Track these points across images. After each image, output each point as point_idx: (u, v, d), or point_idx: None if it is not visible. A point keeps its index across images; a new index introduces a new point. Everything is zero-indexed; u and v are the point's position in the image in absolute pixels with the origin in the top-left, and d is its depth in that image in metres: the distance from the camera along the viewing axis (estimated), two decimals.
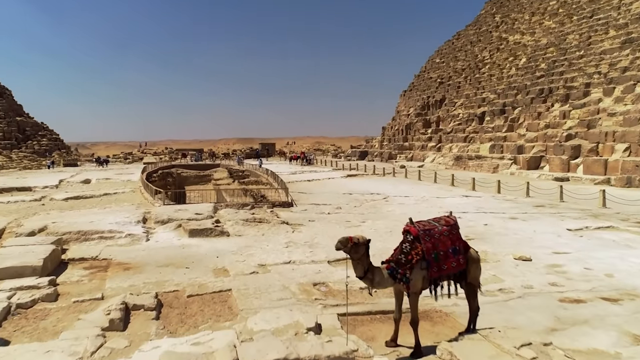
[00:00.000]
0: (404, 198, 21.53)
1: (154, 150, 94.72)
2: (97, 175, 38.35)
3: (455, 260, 5.86)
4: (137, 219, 13.67)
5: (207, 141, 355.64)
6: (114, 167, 54.73)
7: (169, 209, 15.68)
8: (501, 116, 41.40)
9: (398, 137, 57.95)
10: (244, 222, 13.70)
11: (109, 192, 23.52)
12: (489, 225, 14.23)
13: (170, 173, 50.25)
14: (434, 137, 50.13)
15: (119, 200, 20.46)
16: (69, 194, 23.81)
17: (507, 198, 21.06)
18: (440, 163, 44.17)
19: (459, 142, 44.73)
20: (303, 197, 22.04)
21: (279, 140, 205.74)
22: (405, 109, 62.16)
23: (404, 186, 27.16)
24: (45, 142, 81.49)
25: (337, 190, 25.19)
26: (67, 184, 31.28)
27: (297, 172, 40.38)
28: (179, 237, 12.22)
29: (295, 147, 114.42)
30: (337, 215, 16.38)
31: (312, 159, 54.94)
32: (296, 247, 11.38)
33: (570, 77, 36.49)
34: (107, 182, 32.43)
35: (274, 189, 25.38)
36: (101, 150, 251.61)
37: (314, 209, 17.85)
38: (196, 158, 70.11)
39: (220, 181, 50.60)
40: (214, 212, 15.85)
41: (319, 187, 27.38)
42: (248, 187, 37.18)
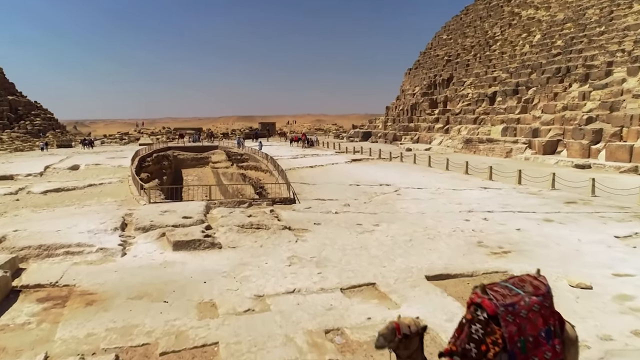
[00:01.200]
0: (417, 191, 19.56)
1: (151, 130, 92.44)
2: (87, 159, 36.34)
3: (550, 349, 3.84)
4: (114, 224, 11.74)
5: (206, 119, 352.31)
6: (108, 149, 52.66)
7: (154, 209, 13.73)
8: (514, 97, 39.13)
9: (403, 118, 55.69)
10: (239, 228, 11.77)
11: (94, 183, 21.55)
12: (523, 231, 12.29)
13: (166, 156, 48.17)
14: (441, 118, 47.90)
15: (103, 194, 18.51)
16: (52, 184, 21.88)
17: (531, 191, 19.09)
18: (448, 146, 42.08)
19: (469, 124, 42.56)
20: (306, 189, 20.08)
21: (279, 119, 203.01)
22: (411, 88, 59.72)
23: (414, 174, 25.17)
24: (39, 122, 79.30)
25: (343, 179, 23.21)
26: (53, 170, 29.31)
27: (298, 156, 38.34)
28: (162, 250, 10.30)
29: (295, 126, 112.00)
30: (346, 215, 14.43)
31: (313, 140, 52.80)
32: (301, 264, 9.47)
33: (590, 55, 34.12)
34: (96, 169, 30.45)
35: (274, 178, 23.40)
36: (100, 129, 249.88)
37: (319, 206, 15.90)
38: (194, 139, 67.92)
39: (218, 164, 48.60)
40: (206, 212, 13.92)
41: (322, 175, 25.40)
42: (247, 172, 35.19)
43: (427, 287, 8.21)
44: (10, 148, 56.54)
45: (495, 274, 9.00)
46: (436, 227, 12.68)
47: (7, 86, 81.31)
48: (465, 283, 8.66)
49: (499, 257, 10.08)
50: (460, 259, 9.89)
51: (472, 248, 10.71)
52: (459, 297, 7.98)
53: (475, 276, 8.94)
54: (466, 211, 14.93)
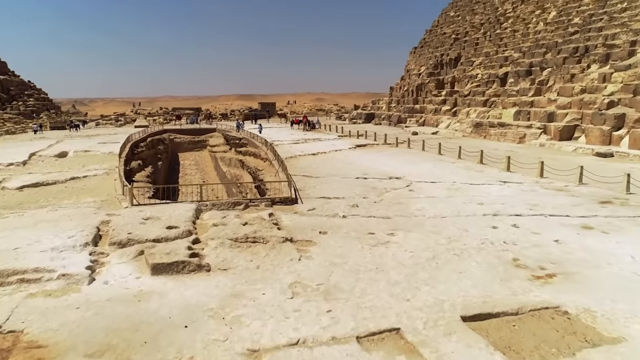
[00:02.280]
0: (431, 186, 17.78)
1: (148, 111, 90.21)
2: (77, 145, 34.48)
3: None
4: (85, 238, 9.99)
5: (206, 98, 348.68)
6: (102, 132, 50.73)
7: (136, 214, 11.97)
8: (527, 78, 37.02)
9: (408, 99, 53.55)
10: (232, 242, 10.03)
11: (77, 176, 19.76)
12: (563, 243, 10.55)
13: (162, 140, 46.29)
14: (448, 100, 45.82)
15: (84, 191, 16.74)
16: (32, 177, 20.11)
17: (557, 186, 17.31)
18: (456, 130, 40.14)
19: (478, 106, 40.52)
20: (309, 183, 18.29)
21: (279, 98, 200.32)
22: (416, 68, 57.40)
23: (425, 164, 23.34)
24: (32, 103, 77.10)
25: (348, 171, 21.40)
26: (38, 159, 27.50)
27: (299, 141, 36.45)
28: (138, 274, 8.58)
29: (296, 106, 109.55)
30: (355, 220, 12.68)
31: (315, 123, 50.78)
32: (306, 296, 7.76)
33: (612, 34, 31.91)
34: (85, 156, 28.62)
35: (274, 170, 21.60)
36: (99, 107, 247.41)
37: (324, 207, 14.14)
38: (192, 120, 65.88)
39: (216, 148, 46.79)
40: (196, 217, 12.18)
41: (326, 165, 23.57)
42: (245, 158, 33.39)
43: (465, 334, 6.50)
44: (1, 130, 54.59)
45: (544, 311, 7.31)
46: (461, 238, 10.94)
47: None
48: (511, 325, 6.95)
49: (543, 283, 8.35)
50: (498, 286, 8.17)
51: (509, 269, 8.98)
52: (506, 348, 6.30)
53: (521, 314, 7.24)
54: (491, 214, 13.17)
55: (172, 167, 47.03)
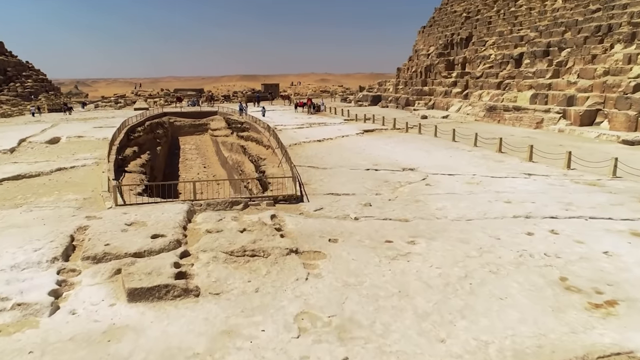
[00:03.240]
0: (449, 179, 16.19)
1: (149, 93, 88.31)
2: (71, 130, 32.98)
3: None
4: (55, 251, 8.49)
5: (209, 78, 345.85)
6: (100, 115, 49.11)
7: (119, 217, 10.46)
8: (544, 59, 35.00)
9: (416, 81, 51.53)
10: (227, 256, 8.52)
11: (64, 167, 18.25)
12: (614, 256, 8.99)
13: (161, 123, 44.66)
14: (459, 81, 43.84)
15: (68, 185, 15.23)
16: (15, 167, 18.65)
17: (588, 179, 15.69)
18: (468, 113, 38.31)
19: (491, 88, 38.58)
20: (315, 176, 16.71)
21: (283, 79, 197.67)
22: (425, 48, 55.19)
23: (439, 153, 21.70)
24: (31, 84, 75.31)
25: (357, 160, 19.80)
26: (28, 145, 26.02)
27: (304, 126, 34.77)
28: (113, 300, 7.10)
29: (300, 88, 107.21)
30: (369, 223, 11.13)
31: (320, 105, 48.91)
32: (315, 334, 6.27)
33: (638, 12, 29.80)
34: (77, 143, 27.12)
35: (277, 159, 20.01)
36: (102, 88, 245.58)
37: (333, 206, 12.59)
38: (192, 102, 64.04)
39: (217, 132, 45.21)
40: (188, 220, 10.67)
41: (333, 153, 21.96)
42: (247, 144, 31.77)
43: None
44: None
45: (616, 359, 5.80)
46: (494, 248, 9.39)
47: None
48: None
49: (605, 314, 6.83)
50: (552, 319, 6.65)
51: (559, 294, 7.45)
52: None
53: None
54: (523, 216, 11.59)
55: (172, 152, 45.49)
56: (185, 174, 40.84)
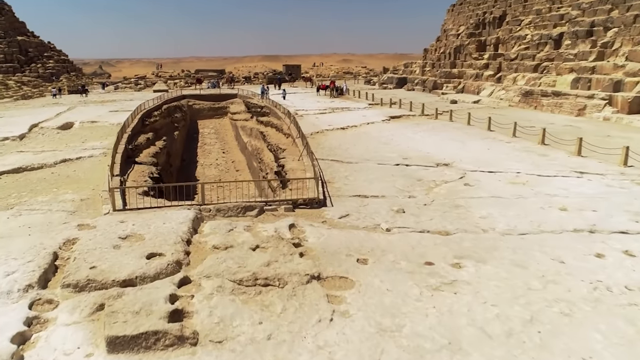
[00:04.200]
0: (490, 177, 14.38)
1: (169, 74, 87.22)
2: (86, 114, 31.92)
3: None
4: (31, 276, 7.10)
5: (231, 59, 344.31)
6: (118, 97, 48.13)
7: (113, 229, 9.04)
8: (587, 40, 32.28)
9: (445, 63, 49.00)
10: (234, 285, 7.02)
11: (69, 158, 17.01)
12: None
13: (179, 106, 43.39)
14: (491, 64, 41.28)
15: (69, 182, 13.93)
16: (19, 157, 17.51)
17: None
18: (501, 98, 35.95)
19: (527, 72, 36.04)
20: (340, 172, 15.07)
21: (305, 59, 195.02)
22: (454, 28, 52.40)
23: (475, 144, 19.79)
24: (52, 65, 74.87)
25: (385, 153, 18.06)
26: (39, 131, 24.98)
27: (326, 111, 33.01)
28: (90, 349, 5.67)
29: (322, 69, 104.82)
30: (404, 237, 9.49)
31: (343, 88, 46.92)
32: None
33: None
34: (90, 129, 25.98)
35: (297, 150, 18.40)
36: (125, 68, 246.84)
37: (361, 213, 10.97)
38: (213, 84, 62.65)
39: (237, 116, 43.77)
40: (193, 231, 9.21)
41: (358, 144, 20.24)
42: (267, 130, 30.20)
43: None
44: (17, 95, 52.52)
45: None
46: (560, 277, 7.68)
47: (16, 26, 76.33)
48: None
49: None
50: None
51: None
52: None
53: None
54: (586, 231, 9.80)
55: (190, 136, 44.31)
56: (204, 159, 39.62)
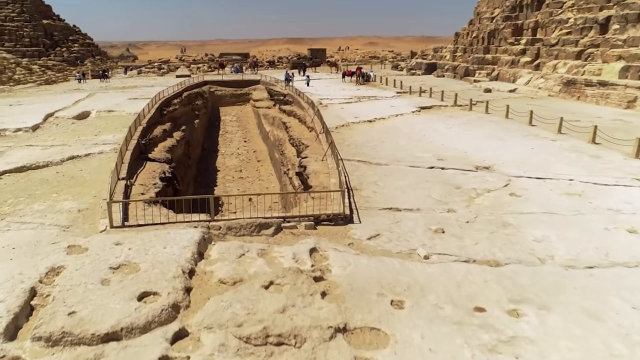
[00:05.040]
0: (539, 185, 12.65)
1: (193, 58, 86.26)
2: (104, 102, 30.97)
3: None
4: None
5: (256, 41, 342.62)
6: (139, 83, 47.26)
7: (105, 255, 7.77)
8: (638, 24, 29.63)
9: (477, 48, 46.48)
10: (241, 343, 5.66)
11: (78, 155, 15.91)
12: None
13: (201, 93, 42.25)
14: (529, 49, 38.73)
15: (72, 185, 12.78)
16: (26, 152, 16.54)
17: None
18: (540, 87, 33.61)
19: (569, 59, 33.52)
20: (367, 176, 13.54)
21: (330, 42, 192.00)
22: (489, 11, 49.62)
23: (517, 142, 17.96)
24: (77, 49, 74.73)
25: (417, 152, 16.43)
26: (53, 121, 24.08)
27: (352, 100, 31.33)
28: None
29: (348, 53, 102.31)
30: (445, 268, 7.97)
31: (370, 75, 44.95)
32: None
33: None
34: (106, 119, 24.99)
35: (321, 148, 16.92)
36: (152, 51, 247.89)
37: (393, 233, 9.47)
38: (236, 69, 61.32)
39: (259, 103, 42.44)
40: (198, 257, 7.88)
41: (387, 140, 18.63)
42: (289, 121, 28.75)
43: None
44: (40, 80, 52.20)
45: None
46: None
47: (42, 9, 76.19)
48: None
49: None
50: None
51: None
52: None
53: None
54: None
55: (211, 124, 43.23)
56: (225, 148, 38.49)
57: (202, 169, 33.88)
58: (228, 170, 33.84)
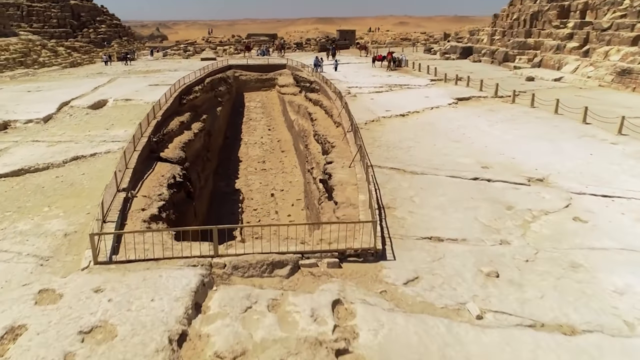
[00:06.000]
0: (605, 205, 10.63)
1: (219, 40, 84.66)
2: (125, 88, 29.81)
3: None
4: None
5: (285, 21, 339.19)
6: (163, 67, 45.99)
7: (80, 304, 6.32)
8: None
9: (518, 31, 43.36)
10: None
11: (83, 155, 14.55)
12: None
13: (224, 78, 40.67)
14: (577, 34, 35.62)
15: (68, 194, 11.39)
16: (30, 150, 15.35)
17: None
18: (589, 76, 30.77)
19: (624, 45, 30.49)
20: (401, 189, 11.72)
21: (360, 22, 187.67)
22: None
23: (571, 146, 15.77)
24: (104, 30, 74.04)
25: (457, 157, 14.47)
26: (68, 110, 22.96)
27: (382, 89, 29.25)
28: None
29: (378, 34, 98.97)
30: (504, 339, 6.19)
31: (402, 60, 42.49)
32: None
33: None
34: (122, 108, 23.73)
35: (349, 152, 15.14)
36: (182, 30, 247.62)
37: (436, 277, 7.71)
38: (262, 52, 59.55)
39: (285, 89, 40.70)
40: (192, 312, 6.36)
41: (422, 141, 16.70)
42: (314, 112, 26.94)
43: None
44: (65, 63, 51.55)
45: None
46: None
47: None
48: None
49: None
50: None
51: None
52: None
53: None
54: None
55: (235, 110, 41.76)
56: (248, 137, 36.98)
57: (224, 160, 32.55)
58: (250, 161, 32.40)
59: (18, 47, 47.54)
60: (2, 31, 49.51)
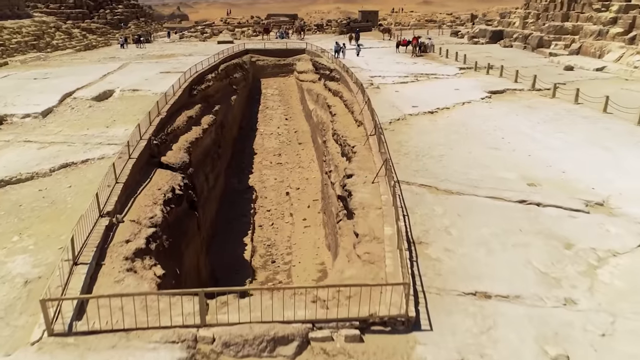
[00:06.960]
0: None
1: (238, 21, 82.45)
2: (134, 76, 28.25)
3: None
4: None
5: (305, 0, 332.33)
6: (177, 51, 44.26)
7: None
8: None
9: (555, 14, 40.31)
10: None
11: (73, 162, 13.01)
12: None
13: (240, 64, 38.76)
14: (621, 18, 32.64)
15: (47, 216, 9.84)
16: (15, 154, 13.87)
17: None
18: (636, 66, 28.05)
19: None
20: (434, 216, 9.85)
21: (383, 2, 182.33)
22: None
23: (628, 153, 13.67)
24: (120, 11, 72.51)
25: (498, 170, 12.49)
26: (70, 102, 21.54)
27: (408, 78, 27.09)
28: None
29: (402, 16, 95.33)
30: None
31: (427, 45, 39.91)
32: None
33: None
34: (128, 100, 22.26)
35: (371, 158, 13.27)
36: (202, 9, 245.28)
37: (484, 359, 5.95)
38: (281, 34, 57.36)
39: (303, 75, 38.78)
40: None
41: (455, 147, 14.70)
42: (333, 105, 24.95)
43: None
44: (80, 45, 50.19)
45: None
46: None
47: None
48: None
49: None
50: None
51: None
52: None
53: None
54: None
55: (251, 97, 39.97)
56: (264, 127, 35.21)
57: (238, 152, 30.92)
58: (266, 154, 30.69)
59: (31, 29, 46.23)
60: (16, 13, 48.29)
